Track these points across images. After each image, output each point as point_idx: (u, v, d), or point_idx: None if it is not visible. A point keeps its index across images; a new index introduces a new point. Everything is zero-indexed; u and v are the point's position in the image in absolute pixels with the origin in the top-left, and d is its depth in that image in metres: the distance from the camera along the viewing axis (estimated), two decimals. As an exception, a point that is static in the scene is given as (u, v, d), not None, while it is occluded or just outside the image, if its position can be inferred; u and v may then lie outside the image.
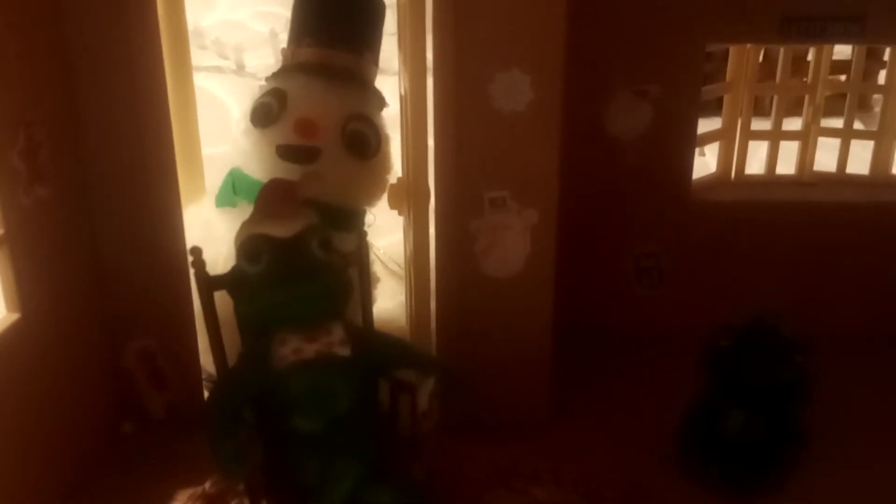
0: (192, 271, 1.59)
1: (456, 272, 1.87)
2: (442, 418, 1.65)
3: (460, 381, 1.58)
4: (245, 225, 1.53)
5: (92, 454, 1.88)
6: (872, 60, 3.30)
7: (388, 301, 2.40)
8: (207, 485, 1.67)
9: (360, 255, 1.71)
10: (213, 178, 2.14)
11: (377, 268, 2.41)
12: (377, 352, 1.58)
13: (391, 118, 2.09)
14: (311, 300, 1.47)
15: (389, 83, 2.16)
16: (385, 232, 2.53)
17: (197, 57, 2.29)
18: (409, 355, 1.67)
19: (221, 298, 1.60)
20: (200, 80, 2.30)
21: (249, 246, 1.48)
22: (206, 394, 1.96)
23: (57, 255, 1.72)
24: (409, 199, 1.95)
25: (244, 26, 5.59)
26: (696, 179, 2.36)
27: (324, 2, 2.03)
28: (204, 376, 1.98)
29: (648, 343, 2.32)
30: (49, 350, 1.70)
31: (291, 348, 1.46)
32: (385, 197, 2.05)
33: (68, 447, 1.79)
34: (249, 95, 2.05)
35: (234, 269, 1.53)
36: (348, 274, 1.58)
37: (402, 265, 2.37)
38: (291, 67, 2.01)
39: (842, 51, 2.63)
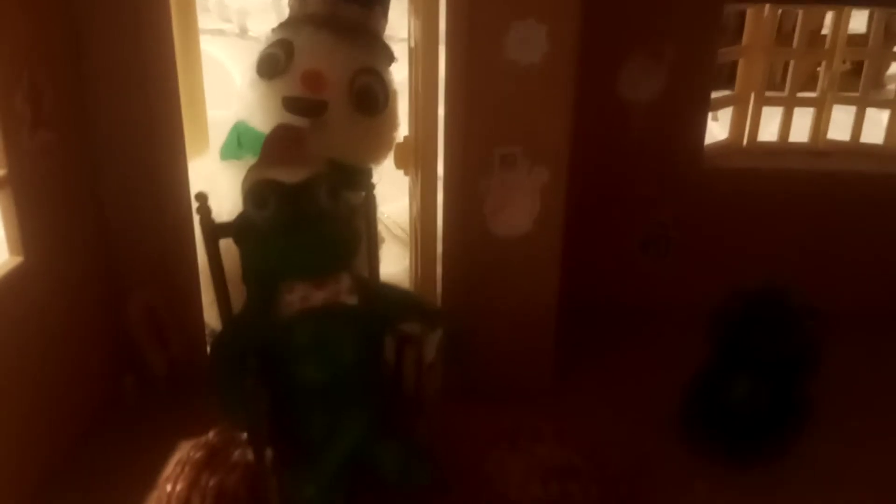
0: (196, 218, 1.55)
1: (463, 232, 1.85)
2: (446, 376, 1.63)
3: (465, 333, 1.56)
4: (252, 170, 1.49)
5: (93, 405, 1.86)
6: (889, 38, 3.26)
7: (393, 266, 2.38)
8: (210, 435, 1.65)
9: (368, 208, 1.68)
10: (216, 141, 2.11)
11: (382, 230, 2.38)
12: (383, 303, 1.56)
13: (398, 82, 2.05)
14: (320, 247, 1.44)
15: (398, 49, 2.11)
16: (390, 199, 2.50)
17: (199, 20, 2.24)
18: (414, 307, 1.65)
19: (227, 252, 1.57)
20: (203, 44, 2.26)
21: (257, 191, 1.45)
22: (209, 350, 1.94)
23: (61, 202, 1.70)
24: (416, 158, 1.92)
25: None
26: (707, 145, 2.32)
27: (333, -49, 1.98)
28: (207, 332, 1.95)
29: (656, 313, 2.29)
30: (51, 297, 1.67)
31: (299, 295, 1.44)
32: (391, 160, 2.02)
33: (69, 396, 1.78)
34: (256, 50, 2.01)
35: (241, 216, 1.50)
36: (356, 224, 1.55)
37: (407, 231, 2.34)
38: (299, 18, 1.96)
39: (857, 28, 2.59)
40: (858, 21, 2.99)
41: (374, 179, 2.06)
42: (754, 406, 1.78)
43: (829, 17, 2.46)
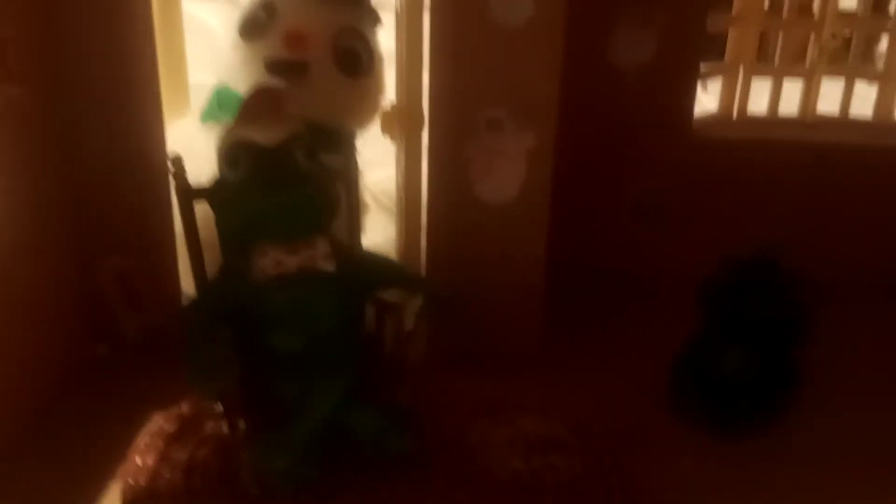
0: (172, 181, 1.51)
1: (448, 198, 1.82)
2: (430, 343, 1.60)
3: (448, 300, 1.52)
4: (228, 131, 1.45)
5: (64, 374, 1.82)
6: (877, 14, 3.23)
7: (378, 235, 2.34)
8: (182, 406, 1.62)
9: (349, 172, 1.63)
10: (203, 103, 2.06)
11: (367, 198, 2.34)
12: (363, 270, 1.52)
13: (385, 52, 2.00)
14: (294, 209, 1.40)
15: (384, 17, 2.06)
16: (375, 166, 2.45)
17: (189, -17, 2.20)
18: (395, 273, 1.62)
19: (206, 218, 1.53)
20: (191, 7, 2.21)
21: (231, 151, 1.41)
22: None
23: (27, 160, 1.64)
24: (402, 124, 1.88)
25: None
26: (697, 117, 2.29)
27: None
28: (183, 297, 1.91)
29: (646, 281, 2.27)
30: (18, 262, 1.62)
31: (272, 260, 1.40)
32: (377, 126, 1.97)
33: (39, 367, 1.74)
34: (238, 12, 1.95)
35: (216, 179, 1.45)
36: (335, 188, 1.51)
37: (393, 200, 2.30)
38: (281, -22, 1.91)
39: (847, 7, 2.55)
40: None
41: (359, 144, 2.02)
42: (745, 375, 1.76)
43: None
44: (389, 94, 2.00)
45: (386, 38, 2.00)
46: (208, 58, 2.35)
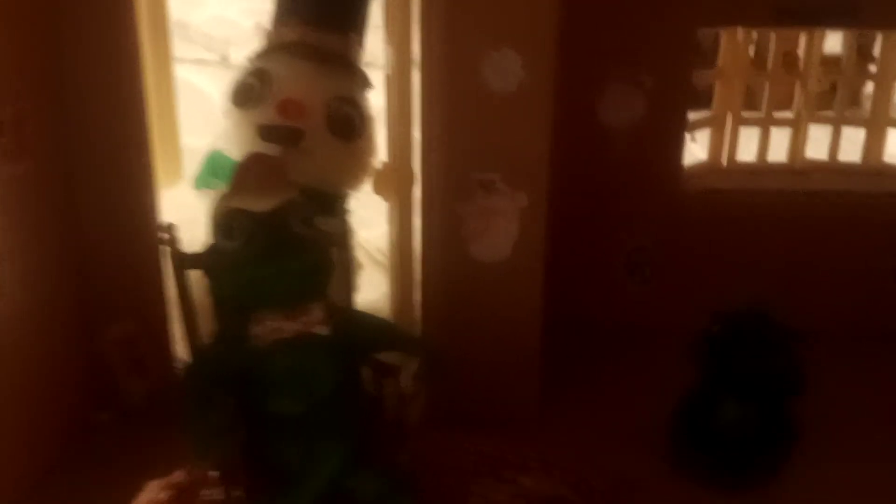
0: (165, 249, 1.52)
1: (442, 257, 1.83)
2: (427, 404, 1.60)
3: (445, 361, 1.53)
4: (222, 199, 1.46)
5: (65, 441, 1.82)
6: (861, 58, 3.29)
7: (372, 292, 2.35)
8: (177, 474, 1.61)
9: (343, 236, 1.66)
10: (193, 169, 2.08)
11: (361, 256, 2.36)
12: (359, 332, 1.53)
13: (376, 110, 2.04)
14: (290, 277, 1.41)
15: (375, 76, 2.11)
16: (369, 224, 2.48)
17: (184, 50, 2.25)
18: (392, 336, 1.62)
19: (201, 283, 1.54)
20: (186, 74, 2.26)
21: (225, 220, 1.41)
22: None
23: (31, 231, 1.67)
24: (394, 183, 1.91)
25: (234, 22, 5.55)
26: (688, 167, 2.33)
27: (309, -19, 1.98)
28: (178, 363, 1.92)
29: (641, 334, 2.28)
30: (22, 332, 1.64)
31: (269, 327, 1.40)
32: (370, 186, 2.00)
33: (40, 433, 1.74)
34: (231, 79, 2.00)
35: (210, 246, 1.46)
36: (330, 253, 1.53)
37: (386, 256, 2.32)
38: (275, 48, 1.95)
39: (831, 48, 2.61)
40: (833, 41, 3.03)
41: (352, 205, 2.05)
42: (741, 428, 1.77)
43: (803, 38, 2.47)
44: (380, 152, 2.04)
45: (376, 95, 2.05)
46: (200, 122, 2.40)
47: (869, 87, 2.72)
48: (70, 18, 1.68)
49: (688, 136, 2.30)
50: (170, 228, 1.51)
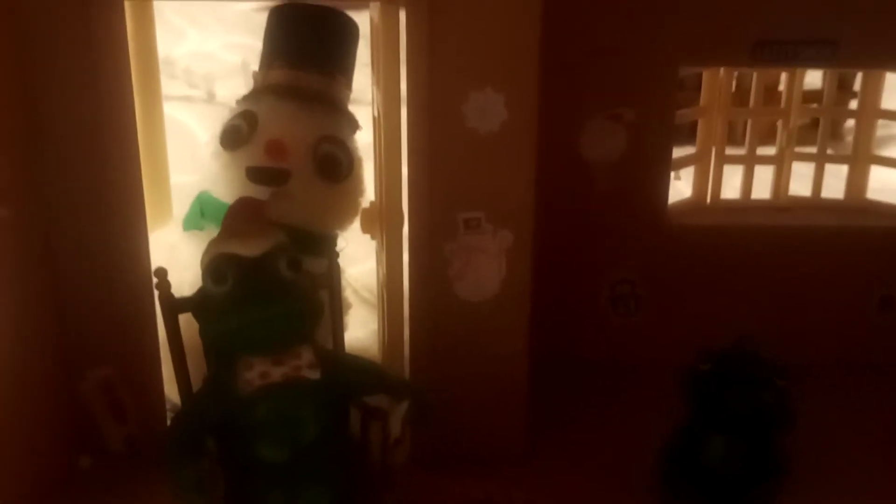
0: (156, 294, 1.52)
1: (430, 296, 1.83)
2: (414, 445, 1.59)
3: (433, 406, 1.53)
4: (211, 244, 1.47)
5: (46, 488, 1.79)
6: (842, 92, 3.35)
7: (360, 330, 2.35)
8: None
9: (331, 277, 1.66)
10: (183, 207, 2.08)
11: (349, 294, 2.36)
12: (347, 376, 1.53)
13: (364, 147, 2.05)
14: (278, 322, 1.42)
15: (363, 112, 2.13)
16: (357, 261, 2.48)
17: (167, 86, 2.24)
18: (379, 379, 1.62)
19: (189, 325, 1.54)
20: (170, 110, 2.26)
21: (215, 265, 1.42)
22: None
23: (12, 274, 1.65)
24: (382, 222, 1.91)
25: (215, 57, 5.57)
26: (671, 204, 2.35)
27: (295, 24, 2.00)
28: (168, 407, 1.91)
29: (626, 372, 2.28)
30: (1, 374, 1.62)
31: (258, 372, 1.40)
32: (358, 224, 2.01)
33: (21, 479, 1.71)
34: (220, 122, 2.01)
35: (200, 291, 1.47)
36: (318, 296, 1.53)
37: (375, 293, 2.33)
38: (262, 90, 1.97)
39: (812, 82, 2.66)
40: (814, 76, 3.08)
41: (340, 245, 2.05)
42: (731, 465, 1.76)
43: (784, 74, 2.51)
44: (369, 190, 2.05)
45: (363, 134, 2.06)
46: (188, 158, 2.40)
47: (850, 121, 2.77)
48: (50, 54, 1.66)
49: (672, 175, 2.32)
50: (160, 272, 1.51)
